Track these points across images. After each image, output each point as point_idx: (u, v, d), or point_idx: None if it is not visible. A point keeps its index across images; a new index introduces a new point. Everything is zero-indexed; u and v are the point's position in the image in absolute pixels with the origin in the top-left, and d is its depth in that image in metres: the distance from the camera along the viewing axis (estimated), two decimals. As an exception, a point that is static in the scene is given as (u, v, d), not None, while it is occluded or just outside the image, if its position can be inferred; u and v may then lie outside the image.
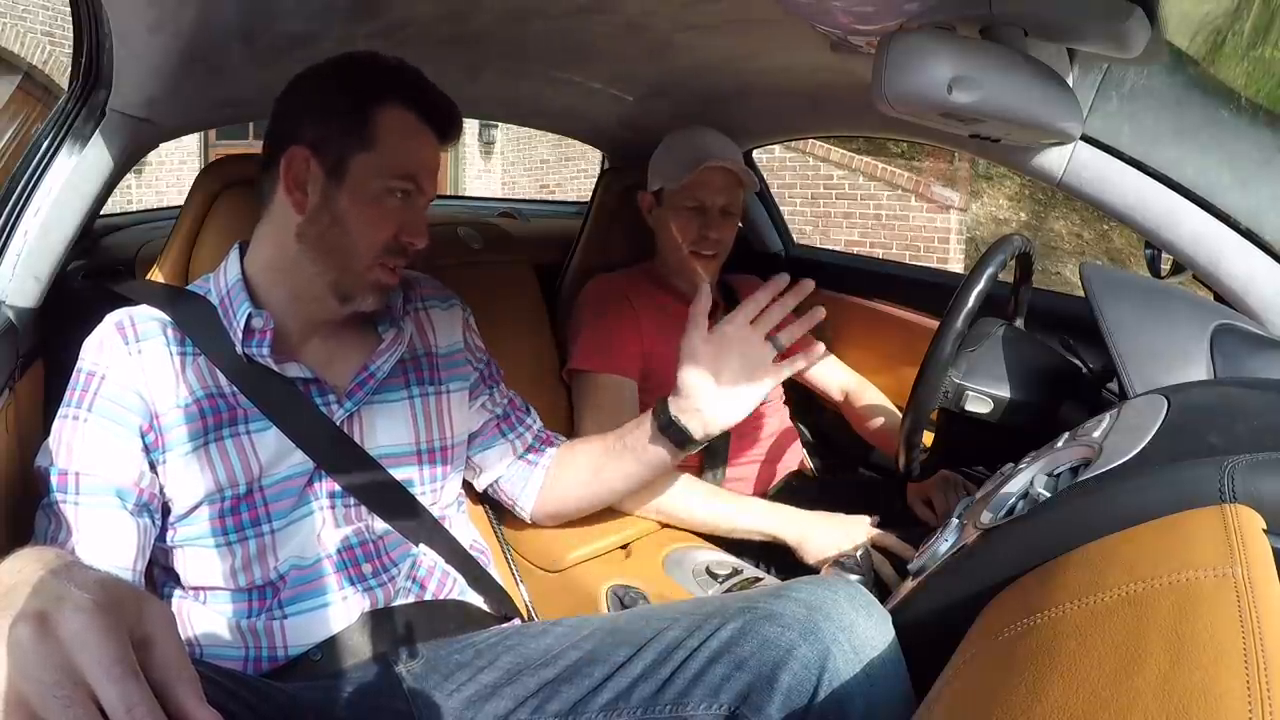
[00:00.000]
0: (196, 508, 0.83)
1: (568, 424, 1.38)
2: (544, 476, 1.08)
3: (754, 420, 1.46)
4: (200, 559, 0.84)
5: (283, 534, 0.85)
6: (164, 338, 0.86)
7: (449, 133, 0.92)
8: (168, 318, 0.87)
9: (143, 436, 0.82)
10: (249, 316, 0.85)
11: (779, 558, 1.30)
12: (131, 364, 0.83)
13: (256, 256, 0.91)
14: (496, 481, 1.09)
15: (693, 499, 1.21)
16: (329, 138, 0.85)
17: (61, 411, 0.82)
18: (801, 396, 1.69)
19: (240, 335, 0.85)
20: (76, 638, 0.39)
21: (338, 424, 0.89)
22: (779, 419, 1.53)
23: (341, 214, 0.86)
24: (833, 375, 1.60)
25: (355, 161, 0.85)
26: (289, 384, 0.87)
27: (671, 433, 0.97)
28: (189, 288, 0.93)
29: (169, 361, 0.85)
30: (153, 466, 0.83)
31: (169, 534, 0.85)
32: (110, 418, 0.81)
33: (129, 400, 0.82)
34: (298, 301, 0.90)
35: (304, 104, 0.88)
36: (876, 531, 1.10)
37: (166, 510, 0.84)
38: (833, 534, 1.10)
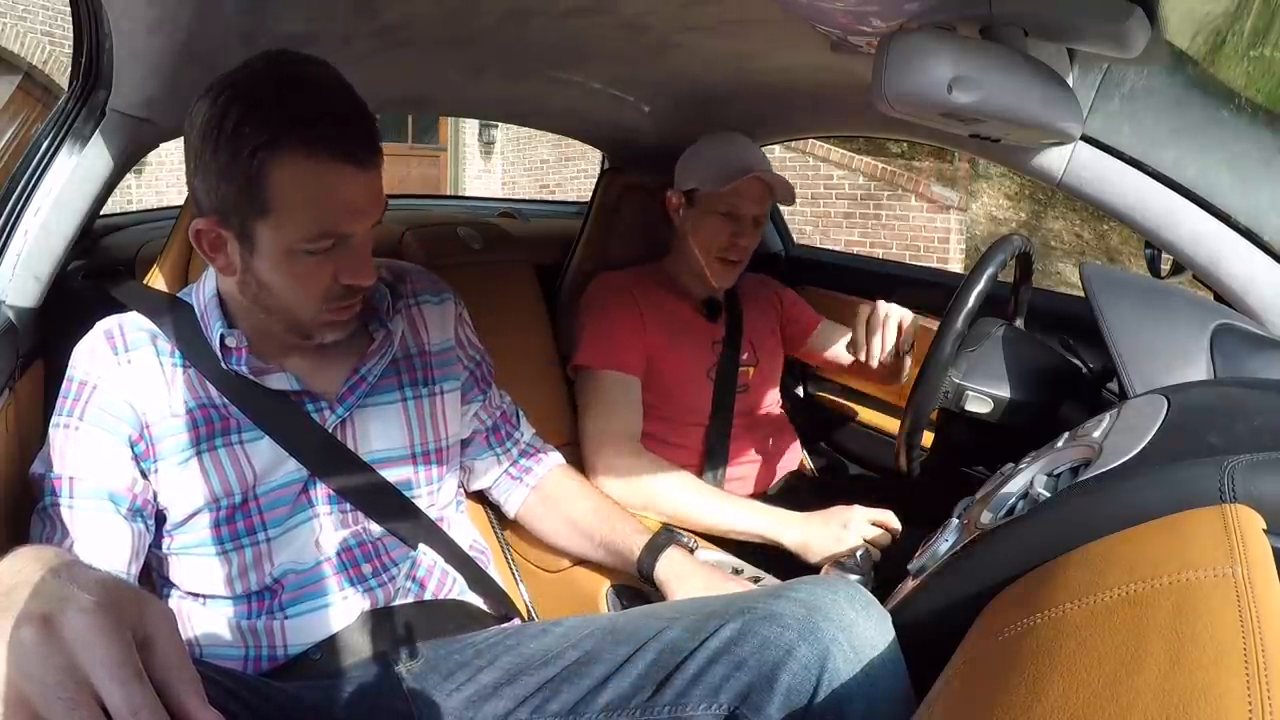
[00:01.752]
0: (192, 517, 0.83)
1: (568, 424, 1.38)
2: (528, 494, 1.09)
3: (753, 421, 1.46)
4: (197, 567, 0.84)
5: (279, 541, 0.85)
6: (153, 348, 0.85)
7: (360, 154, 0.76)
8: (156, 328, 0.86)
9: (132, 446, 0.82)
10: (223, 336, 0.83)
11: (779, 558, 1.30)
12: (121, 374, 0.83)
13: (222, 280, 0.87)
14: (485, 488, 1.11)
15: (694, 500, 1.22)
16: (225, 205, 0.76)
17: (55, 420, 0.82)
18: (801, 396, 1.69)
19: (219, 352, 0.84)
20: (80, 639, 0.39)
21: (330, 430, 0.88)
22: (778, 419, 1.53)
23: (265, 280, 0.80)
24: (837, 342, 1.55)
25: (259, 230, 0.76)
26: (277, 394, 0.86)
27: (644, 577, 1.00)
28: (179, 295, 0.91)
29: (159, 372, 0.84)
30: (144, 475, 0.83)
31: (164, 541, 0.85)
32: (102, 426, 0.81)
33: (120, 410, 0.82)
34: (265, 330, 0.87)
35: (192, 163, 0.77)
36: (873, 531, 1.11)
37: (161, 518, 0.84)
38: (833, 537, 1.12)
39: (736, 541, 1.31)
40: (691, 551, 1.01)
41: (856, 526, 1.11)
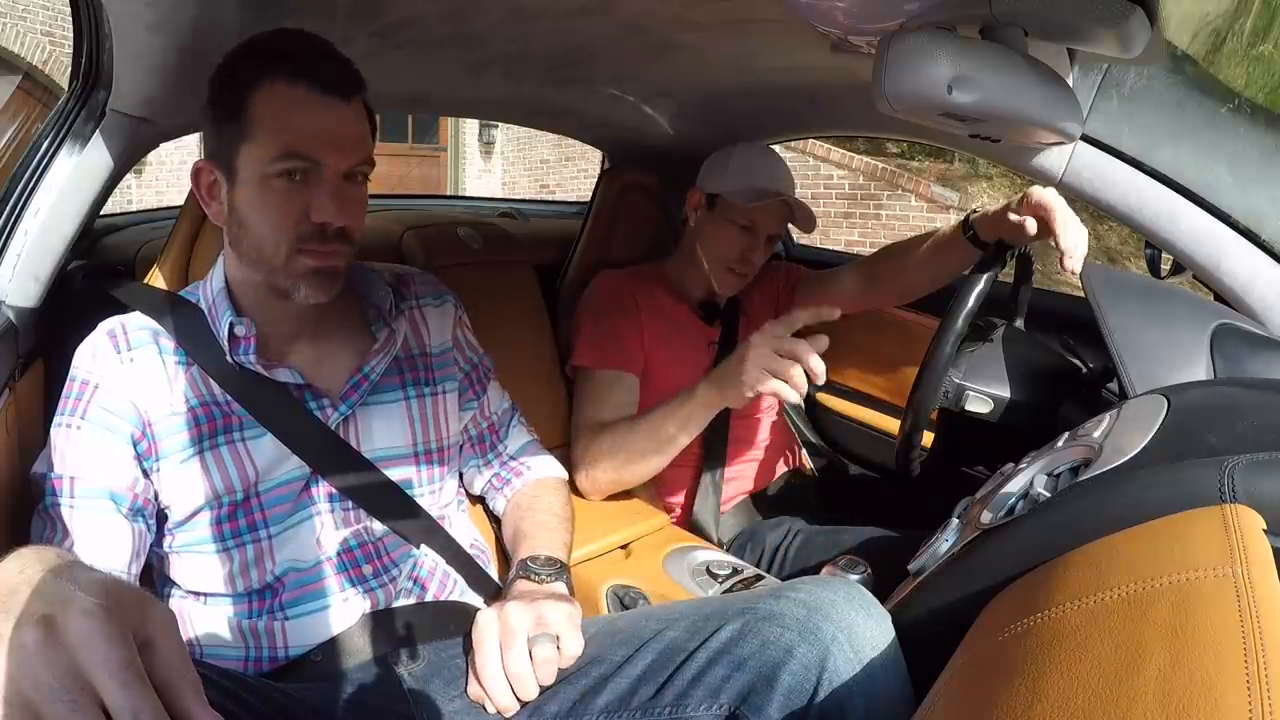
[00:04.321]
0: (194, 515, 0.83)
1: (568, 424, 1.38)
2: (505, 504, 1.09)
3: (752, 421, 1.46)
4: (198, 564, 0.84)
5: (280, 539, 0.85)
6: (155, 346, 0.86)
7: (334, 83, 0.81)
8: (159, 326, 0.87)
9: (135, 445, 0.82)
10: (231, 325, 0.84)
11: (779, 558, 1.30)
12: (124, 373, 0.83)
13: (228, 268, 0.89)
14: (477, 493, 1.11)
15: (631, 437, 1.18)
16: (220, 144, 0.82)
17: (56, 420, 0.83)
18: (801, 397, 1.68)
19: (226, 343, 0.85)
20: (83, 642, 0.39)
21: (332, 428, 0.88)
22: (776, 420, 1.53)
23: (243, 214, 0.82)
24: (841, 284, 1.47)
25: (241, 157, 0.81)
26: (281, 389, 0.86)
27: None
28: (182, 293, 0.92)
29: (161, 370, 0.85)
30: (146, 474, 0.83)
31: (166, 540, 0.85)
32: (103, 425, 0.81)
33: (122, 409, 0.82)
34: (266, 310, 0.88)
35: (201, 117, 0.85)
36: (775, 358, 0.96)
37: (163, 516, 0.85)
38: (735, 372, 0.99)
39: (736, 541, 1.32)
40: (541, 583, 0.89)
41: (755, 356, 0.97)
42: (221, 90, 0.82)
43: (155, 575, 0.88)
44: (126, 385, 0.83)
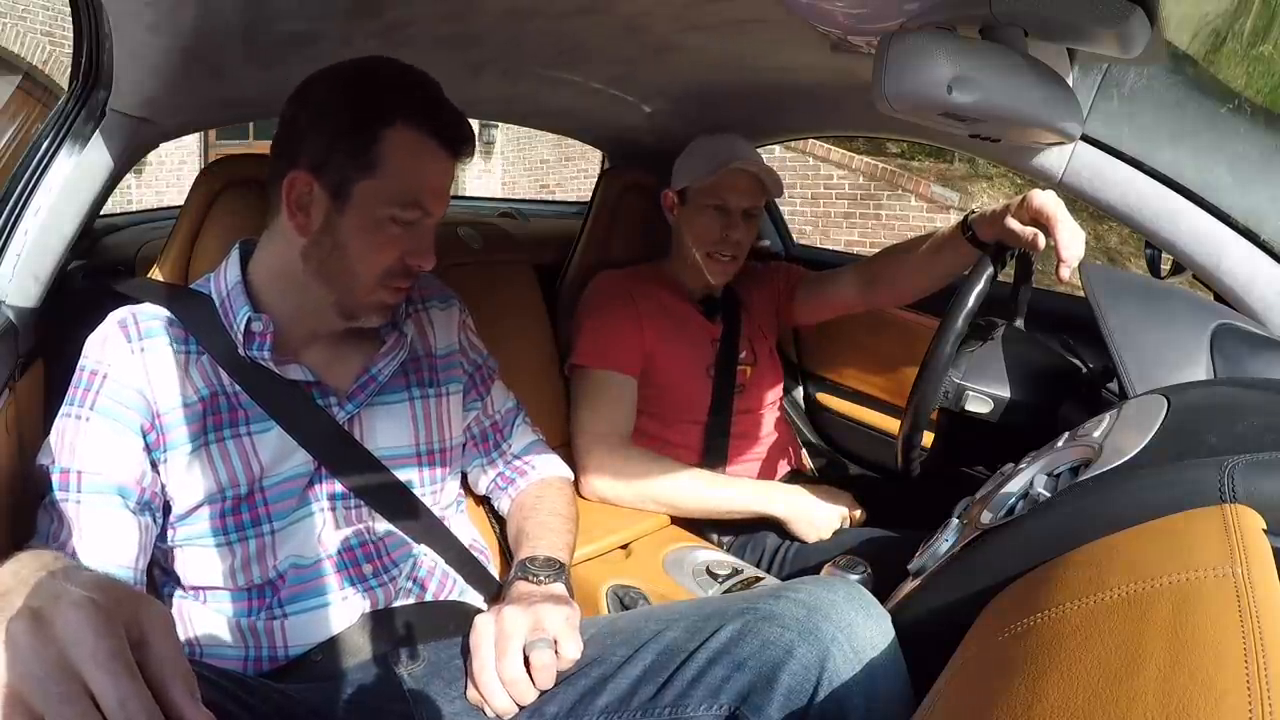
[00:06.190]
0: (198, 507, 0.83)
1: (567, 424, 1.38)
2: (509, 503, 1.09)
3: (753, 420, 1.46)
4: (200, 558, 0.84)
5: (283, 534, 0.85)
6: (167, 336, 0.86)
7: (461, 149, 0.87)
8: (171, 315, 0.87)
9: (144, 435, 0.82)
10: (248, 320, 0.85)
11: (779, 558, 1.30)
12: (134, 362, 0.83)
13: (261, 262, 0.90)
14: (481, 493, 1.12)
15: (686, 486, 1.25)
16: (332, 161, 0.82)
17: (64, 410, 0.82)
18: (801, 396, 1.68)
19: (240, 338, 0.85)
20: (72, 633, 0.39)
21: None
22: (778, 419, 1.53)
23: (344, 240, 0.84)
24: (841, 285, 1.48)
25: (359, 187, 0.82)
26: (291, 385, 0.87)
27: None
28: (191, 287, 0.92)
29: (172, 360, 0.85)
30: (154, 465, 0.83)
31: (169, 533, 0.85)
32: (112, 416, 0.81)
33: (131, 399, 0.82)
34: (301, 312, 0.89)
35: (309, 121, 0.84)
36: (853, 513, 1.27)
37: (168, 509, 0.84)
38: (818, 514, 1.24)
39: (735, 543, 1.32)
40: (540, 583, 0.88)
41: (837, 507, 1.26)
42: (345, 108, 0.82)
43: (156, 571, 0.88)
44: (136, 374, 0.83)
